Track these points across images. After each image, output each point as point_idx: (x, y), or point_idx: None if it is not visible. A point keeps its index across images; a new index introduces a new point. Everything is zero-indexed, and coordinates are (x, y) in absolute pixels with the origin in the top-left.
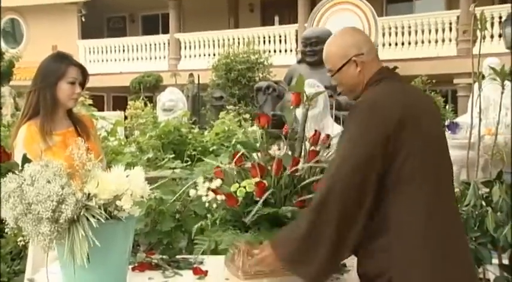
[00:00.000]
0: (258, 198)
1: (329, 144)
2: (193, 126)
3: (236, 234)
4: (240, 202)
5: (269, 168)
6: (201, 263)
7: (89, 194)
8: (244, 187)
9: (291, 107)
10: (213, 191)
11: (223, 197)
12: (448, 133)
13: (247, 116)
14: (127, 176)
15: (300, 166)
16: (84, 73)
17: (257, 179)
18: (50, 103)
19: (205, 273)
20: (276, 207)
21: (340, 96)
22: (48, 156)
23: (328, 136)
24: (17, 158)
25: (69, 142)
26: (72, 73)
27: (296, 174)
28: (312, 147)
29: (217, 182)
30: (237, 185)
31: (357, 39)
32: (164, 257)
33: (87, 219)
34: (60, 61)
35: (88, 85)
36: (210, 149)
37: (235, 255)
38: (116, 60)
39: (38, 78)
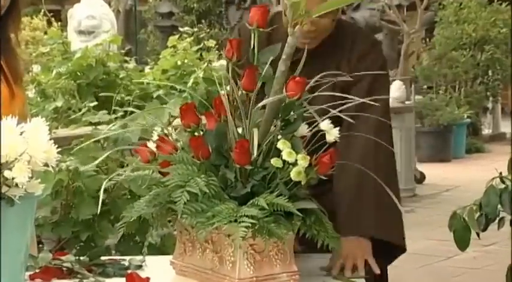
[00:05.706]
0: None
1: None
2: (127, 58)
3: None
4: None
5: None
6: (140, 267)
7: None
8: None
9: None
10: None
11: None
12: None
13: (212, 43)
14: (21, 133)
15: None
16: None
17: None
18: None
19: (146, 281)
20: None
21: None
22: None
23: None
24: None
25: None
26: None
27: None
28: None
29: None
30: None
31: None
32: (82, 258)
33: None
34: None
35: None
36: (154, 95)
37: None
38: None
39: None
